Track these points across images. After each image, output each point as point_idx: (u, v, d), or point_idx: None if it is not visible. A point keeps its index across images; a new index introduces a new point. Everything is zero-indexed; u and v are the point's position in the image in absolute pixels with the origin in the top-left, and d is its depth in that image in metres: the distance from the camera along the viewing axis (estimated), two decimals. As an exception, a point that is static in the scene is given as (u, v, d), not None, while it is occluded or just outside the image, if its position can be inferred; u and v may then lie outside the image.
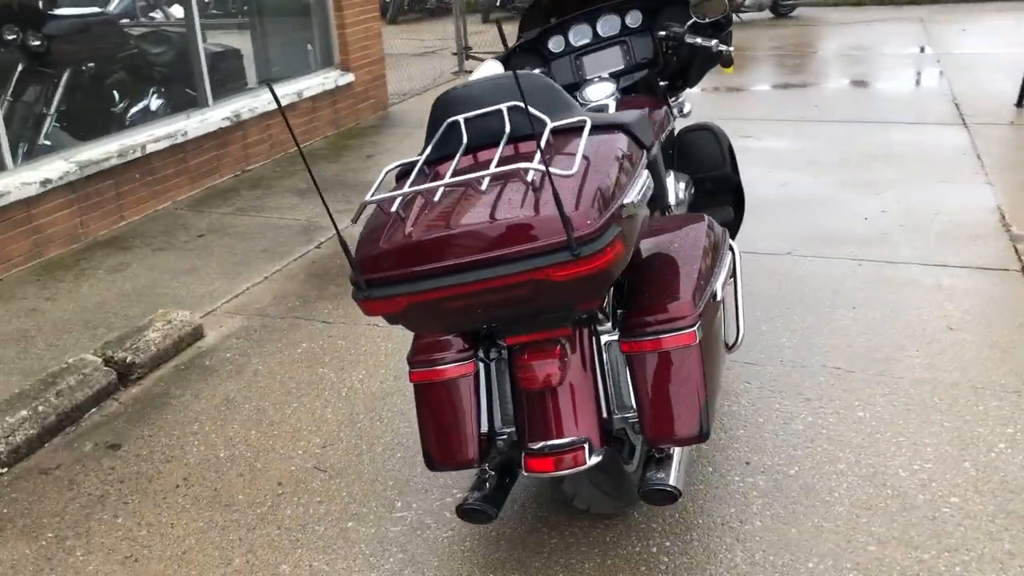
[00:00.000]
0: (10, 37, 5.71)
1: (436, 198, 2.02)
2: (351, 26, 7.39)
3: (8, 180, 4.66)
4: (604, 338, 2.27)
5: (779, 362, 3.38)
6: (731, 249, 2.69)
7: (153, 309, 4.04)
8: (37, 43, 5.73)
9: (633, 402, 2.22)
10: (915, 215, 4.74)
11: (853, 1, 13.66)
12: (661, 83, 3.52)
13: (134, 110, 6.08)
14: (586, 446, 2.16)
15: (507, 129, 2.12)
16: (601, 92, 3.29)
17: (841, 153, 5.97)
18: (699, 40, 3.23)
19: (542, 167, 1.85)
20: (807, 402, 3.12)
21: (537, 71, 3.33)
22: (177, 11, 8.42)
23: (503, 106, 2.12)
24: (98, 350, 3.53)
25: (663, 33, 3.30)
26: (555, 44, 3.47)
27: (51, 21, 5.76)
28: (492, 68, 3.30)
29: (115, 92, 6.10)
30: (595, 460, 2.17)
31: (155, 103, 6.10)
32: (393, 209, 2.03)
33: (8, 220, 4.60)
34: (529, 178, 1.92)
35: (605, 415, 2.24)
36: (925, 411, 3.02)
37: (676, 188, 3.28)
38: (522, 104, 2.11)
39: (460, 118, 2.16)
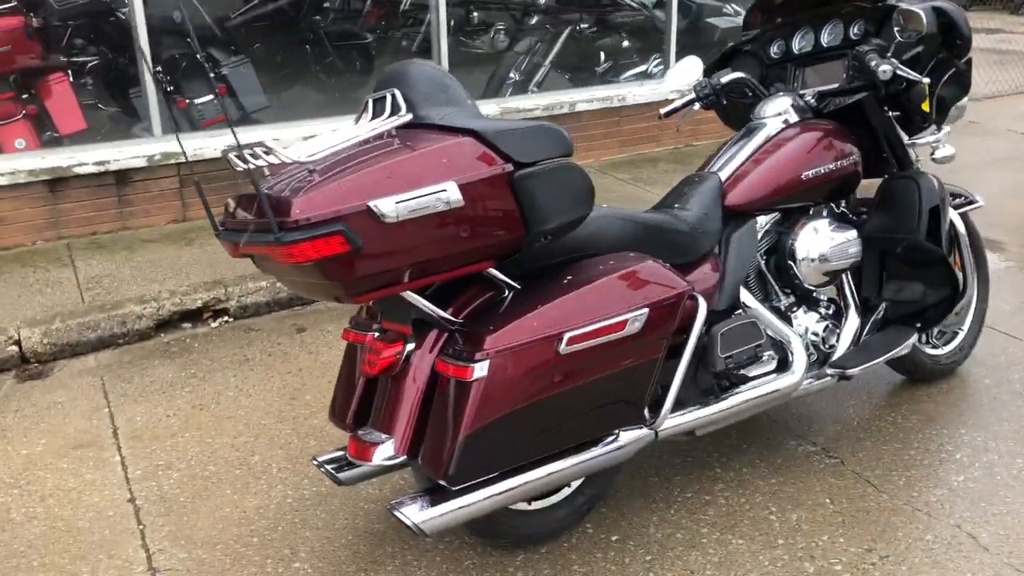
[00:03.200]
0: (515, -3, 6.61)
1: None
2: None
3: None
4: None
5: (910, 499, 2.54)
6: (692, 305, 2.19)
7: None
8: (543, 2, 6.55)
9: None
10: None
11: None
12: (891, 113, 2.79)
13: (601, 70, 6.57)
14: (380, 446, 2.12)
15: (386, 113, 2.11)
16: (774, 108, 2.76)
17: None
18: (873, 63, 2.49)
19: (270, 148, 1.86)
20: (865, 552, 2.33)
21: (737, 75, 2.92)
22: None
23: (386, 92, 2.11)
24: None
25: (855, 50, 2.60)
26: (777, 49, 2.97)
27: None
28: (691, 65, 3.00)
29: (601, 52, 6.66)
30: (383, 462, 2.11)
31: (620, 68, 6.49)
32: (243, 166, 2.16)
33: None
34: (299, 157, 1.92)
35: None
36: (1004, 638, 2.05)
37: (815, 236, 2.62)
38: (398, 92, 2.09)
39: (369, 98, 2.20)
